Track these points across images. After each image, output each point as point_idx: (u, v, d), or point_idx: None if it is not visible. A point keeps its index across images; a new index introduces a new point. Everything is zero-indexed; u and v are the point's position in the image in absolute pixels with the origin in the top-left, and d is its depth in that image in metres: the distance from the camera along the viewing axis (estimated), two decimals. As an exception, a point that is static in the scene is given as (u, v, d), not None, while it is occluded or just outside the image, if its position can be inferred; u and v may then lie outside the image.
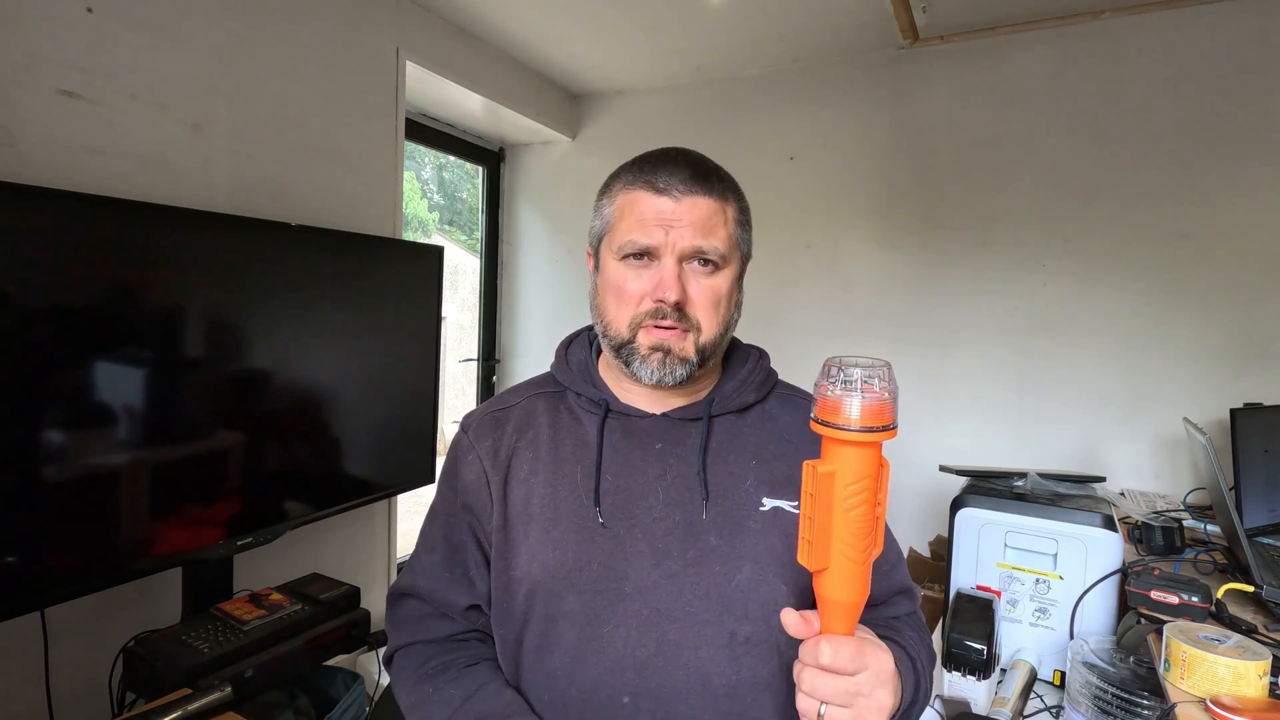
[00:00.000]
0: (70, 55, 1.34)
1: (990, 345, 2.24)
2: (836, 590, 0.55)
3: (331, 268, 1.65)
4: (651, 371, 0.72)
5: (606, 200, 0.76)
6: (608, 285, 0.74)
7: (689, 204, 0.70)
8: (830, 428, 0.53)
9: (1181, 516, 1.62)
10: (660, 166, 0.72)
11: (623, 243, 0.71)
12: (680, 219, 0.70)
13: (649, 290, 0.71)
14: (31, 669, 1.26)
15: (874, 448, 0.53)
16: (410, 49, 2.09)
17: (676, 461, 0.75)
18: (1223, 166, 1.95)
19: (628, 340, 0.73)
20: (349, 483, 1.73)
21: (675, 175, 0.71)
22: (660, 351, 0.72)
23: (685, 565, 0.71)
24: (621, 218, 0.73)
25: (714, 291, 0.72)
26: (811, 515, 0.55)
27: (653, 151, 0.75)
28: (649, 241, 0.70)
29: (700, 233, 0.70)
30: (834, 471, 0.53)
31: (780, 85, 2.55)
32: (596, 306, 0.77)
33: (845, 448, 0.53)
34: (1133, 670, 1.07)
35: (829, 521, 0.54)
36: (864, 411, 0.52)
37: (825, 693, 0.56)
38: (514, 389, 0.85)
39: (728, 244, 0.73)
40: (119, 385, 1.24)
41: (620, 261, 0.73)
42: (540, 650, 0.72)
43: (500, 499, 0.76)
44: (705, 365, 0.75)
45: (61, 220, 1.15)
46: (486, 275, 3.10)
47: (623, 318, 0.73)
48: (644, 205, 0.71)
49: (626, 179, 0.74)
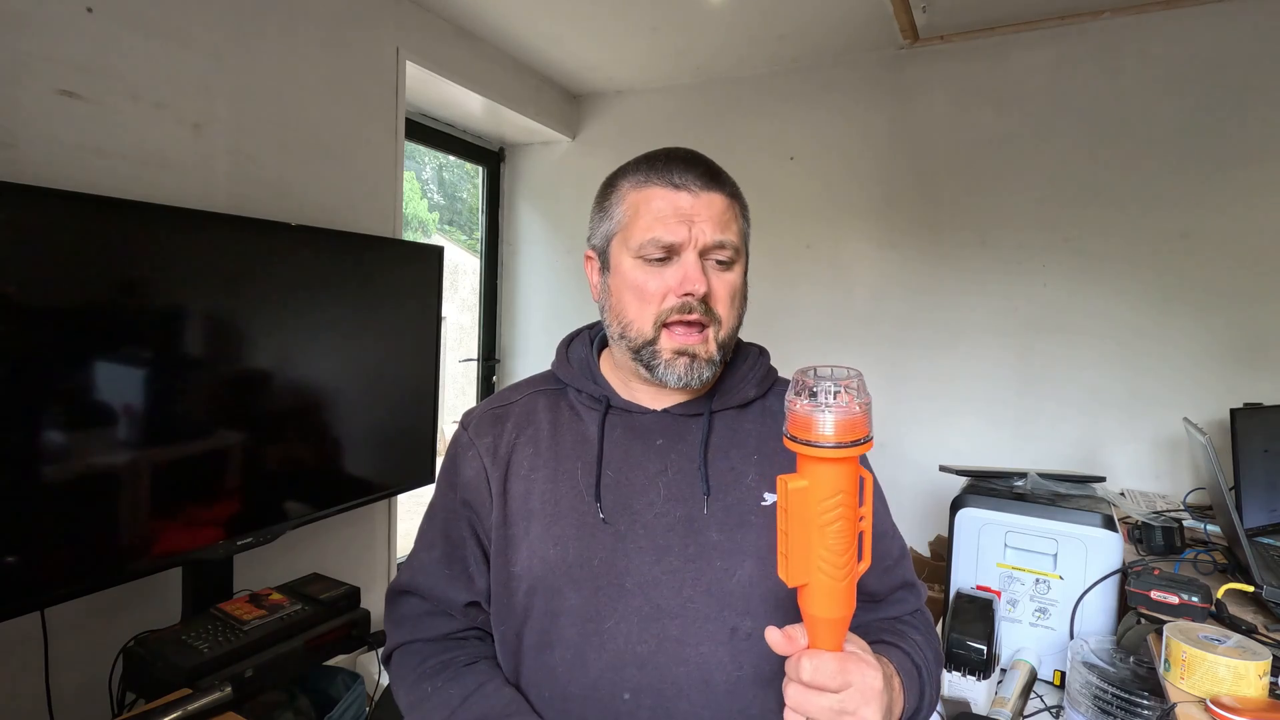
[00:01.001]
0: (70, 55, 1.34)
1: (990, 345, 2.24)
2: (818, 606, 0.53)
3: (331, 268, 1.65)
4: (678, 376, 0.72)
5: (614, 200, 0.75)
6: (626, 285, 0.73)
7: (706, 199, 0.71)
8: (803, 444, 0.51)
9: (1181, 516, 1.62)
10: (672, 164, 0.72)
11: (643, 240, 0.70)
12: (700, 213, 0.70)
13: (673, 286, 0.70)
14: (31, 669, 1.26)
15: (850, 462, 0.52)
16: (410, 49, 2.09)
17: (678, 457, 0.75)
18: (1222, 167, 1.95)
19: (651, 340, 0.72)
20: (349, 483, 1.73)
21: (689, 172, 0.71)
22: (686, 356, 0.71)
23: (686, 561, 0.71)
24: (638, 215, 0.72)
25: (731, 286, 0.73)
26: (786, 530, 0.53)
27: (658, 151, 0.75)
28: (673, 238, 0.70)
29: (720, 227, 0.71)
30: (807, 487, 0.52)
31: (780, 85, 2.55)
32: (612, 308, 0.75)
33: (820, 464, 0.51)
34: (1133, 670, 1.07)
35: (806, 537, 0.52)
36: (838, 427, 0.50)
37: (810, 709, 0.54)
38: (514, 386, 0.85)
39: (741, 238, 0.74)
40: (119, 385, 1.24)
41: (638, 260, 0.72)
42: (541, 646, 0.72)
43: (500, 495, 0.76)
44: (724, 362, 0.75)
45: (61, 220, 1.15)
46: (486, 275, 3.10)
47: (646, 316, 0.72)
48: (662, 202, 0.71)
49: (636, 178, 0.73)
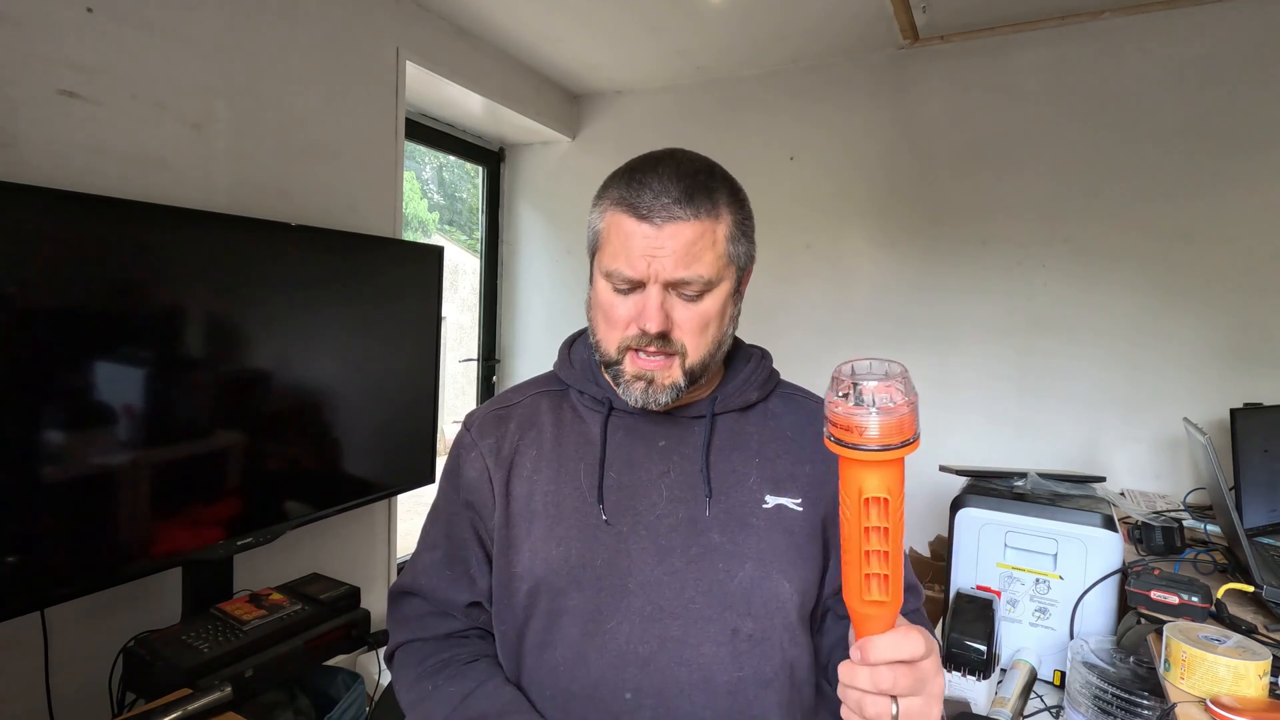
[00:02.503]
0: (70, 55, 1.34)
1: (990, 345, 2.24)
2: (883, 596, 0.53)
3: (332, 268, 1.65)
4: (635, 398, 0.72)
5: (598, 213, 0.74)
6: (598, 304, 0.74)
7: (671, 231, 0.67)
8: (848, 448, 0.50)
9: (1181, 516, 1.62)
10: (645, 186, 0.68)
11: (609, 269, 0.70)
12: (662, 247, 0.67)
13: (634, 316, 0.70)
14: (31, 669, 1.26)
15: (899, 463, 0.50)
16: (410, 49, 2.09)
17: (680, 459, 0.76)
18: (1223, 167, 1.95)
19: (615, 361, 0.73)
20: (349, 483, 1.73)
21: (659, 198, 0.68)
22: (644, 380, 0.72)
23: (688, 562, 0.72)
24: (608, 240, 0.71)
25: (701, 316, 0.70)
26: (889, 550, 0.52)
27: (644, 159, 0.73)
28: (631, 274, 0.68)
29: (683, 262, 0.67)
30: (886, 498, 0.51)
31: (780, 85, 2.55)
32: (590, 319, 0.77)
33: (867, 467, 0.50)
34: (1133, 670, 1.07)
35: (895, 544, 0.52)
36: (883, 429, 0.48)
37: (904, 686, 0.53)
38: (517, 388, 0.86)
39: (716, 266, 0.69)
40: (119, 385, 1.24)
41: (607, 284, 0.72)
42: (543, 646, 0.72)
43: (503, 495, 0.76)
44: (697, 383, 0.74)
45: (61, 220, 1.15)
46: (486, 275, 3.10)
47: (610, 340, 0.73)
48: (627, 230, 0.68)
49: (614, 194, 0.71)
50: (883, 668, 0.53)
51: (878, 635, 0.54)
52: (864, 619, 0.54)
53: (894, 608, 0.54)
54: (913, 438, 0.49)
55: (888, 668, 0.53)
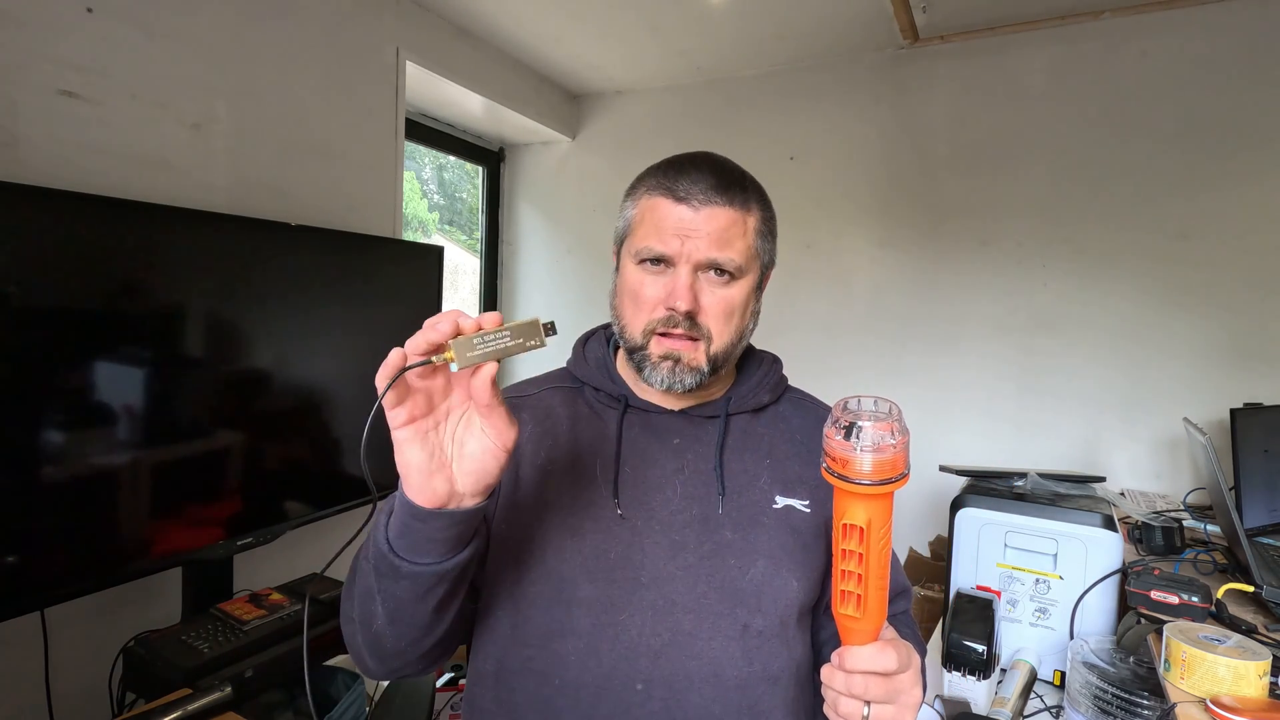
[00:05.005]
0: (70, 55, 1.34)
1: (990, 344, 2.24)
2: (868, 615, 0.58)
3: (332, 268, 1.65)
4: (662, 378, 0.73)
5: (630, 202, 0.77)
6: (625, 288, 0.75)
7: (707, 214, 0.70)
8: (841, 480, 0.54)
9: (1181, 516, 1.62)
10: (683, 173, 0.72)
11: (640, 248, 0.72)
12: (697, 229, 0.70)
13: (663, 297, 0.72)
14: (31, 669, 1.26)
15: (888, 497, 0.55)
16: (410, 49, 2.09)
17: (694, 457, 0.77)
18: (1223, 166, 1.95)
19: (640, 345, 0.74)
20: (349, 482, 1.73)
21: (697, 183, 0.71)
22: (670, 360, 0.73)
23: (701, 558, 0.73)
24: (641, 223, 0.74)
25: (728, 302, 0.73)
26: (865, 574, 0.56)
27: (680, 155, 0.76)
28: (664, 250, 0.71)
29: (716, 244, 0.70)
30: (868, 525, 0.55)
31: (780, 85, 2.54)
32: (615, 307, 0.78)
33: (857, 499, 0.55)
34: (1133, 670, 1.07)
35: (875, 566, 0.56)
36: (878, 465, 0.53)
37: (875, 694, 0.57)
38: (529, 381, 0.86)
39: (745, 255, 0.73)
40: (119, 385, 1.24)
41: (638, 266, 0.73)
42: (552, 635, 0.72)
43: (512, 481, 0.76)
44: (717, 373, 0.76)
45: (61, 220, 1.15)
46: (486, 275, 3.10)
47: (637, 323, 0.74)
48: (663, 212, 0.72)
49: (650, 183, 0.74)
50: (857, 676, 0.58)
51: (858, 646, 0.58)
52: (844, 629, 0.59)
53: (871, 623, 0.58)
54: (901, 474, 0.54)
55: (862, 676, 0.57)
